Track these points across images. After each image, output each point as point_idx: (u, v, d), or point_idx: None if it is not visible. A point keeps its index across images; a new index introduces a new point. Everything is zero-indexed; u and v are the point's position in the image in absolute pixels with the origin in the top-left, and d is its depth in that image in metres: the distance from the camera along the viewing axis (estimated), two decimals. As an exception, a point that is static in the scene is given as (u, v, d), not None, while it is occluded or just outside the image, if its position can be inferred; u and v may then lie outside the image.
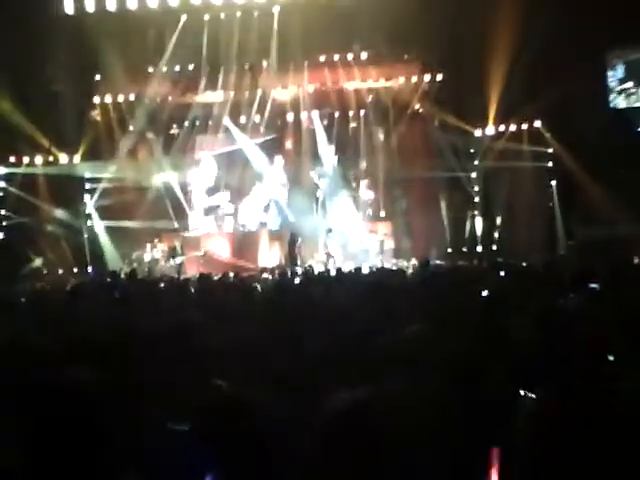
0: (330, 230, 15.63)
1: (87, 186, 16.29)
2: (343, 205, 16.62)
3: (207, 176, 16.99)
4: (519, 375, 2.83)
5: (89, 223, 16.22)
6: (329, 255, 15.18)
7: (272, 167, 16.89)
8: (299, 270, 11.38)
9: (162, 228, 16.15)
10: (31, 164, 15.67)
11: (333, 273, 9.46)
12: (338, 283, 7.29)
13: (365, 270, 10.27)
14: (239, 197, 16.92)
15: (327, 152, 16.86)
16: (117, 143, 16.16)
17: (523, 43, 13.31)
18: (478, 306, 4.43)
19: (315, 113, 16.88)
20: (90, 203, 16.24)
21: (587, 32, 12.83)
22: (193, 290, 7.16)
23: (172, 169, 16.40)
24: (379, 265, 13.80)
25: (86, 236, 16.06)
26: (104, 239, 15.93)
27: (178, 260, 15.29)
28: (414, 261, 14.40)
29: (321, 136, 16.84)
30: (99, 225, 16.18)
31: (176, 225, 16.48)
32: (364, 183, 16.96)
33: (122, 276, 9.85)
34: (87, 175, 16.21)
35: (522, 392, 2.61)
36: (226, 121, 16.71)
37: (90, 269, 15.48)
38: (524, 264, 8.92)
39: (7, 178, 15.55)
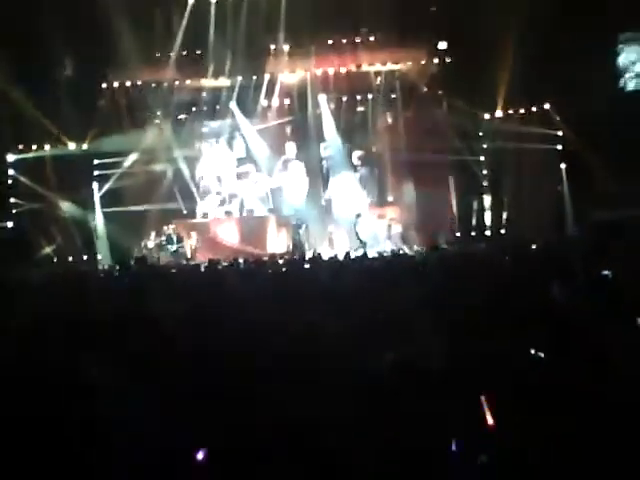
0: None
1: (95, 173, 16.29)
2: (348, 186, 16.56)
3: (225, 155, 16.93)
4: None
5: (97, 210, 16.25)
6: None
7: (278, 153, 16.87)
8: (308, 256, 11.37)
9: (170, 214, 16.20)
10: (40, 151, 15.69)
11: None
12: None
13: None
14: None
15: (333, 136, 16.78)
16: (126, 129, 16.16)
17: (533, 25, 13.15)
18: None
19: (322, 97, 16.81)
20: (97, 190, 16.25)
21: (598, 14, 12.68)
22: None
23: (181, 154, 16.39)
24: (390, 249, 13.85)
25: (95, 223, 16.11)
26: (111, 226, 15.94)
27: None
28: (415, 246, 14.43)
29: (328, 120, 16.78)
30: (107, 212, 16.20)
31: (184, 211, 16.55)
32: (372, 167, 16.90)
33: (132, 263, 9.88)
34: (95, 162, 16.21)
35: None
36: (233, 106, 16.68)
37: (99, 256, 15.54)
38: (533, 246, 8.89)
39: (16, 166, 15.56)
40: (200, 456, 2.32)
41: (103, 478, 2.22)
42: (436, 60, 16.13)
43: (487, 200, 16.46)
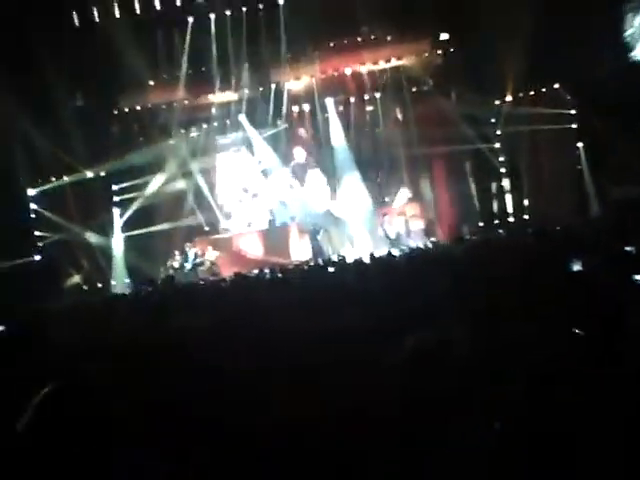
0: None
1: (115, 199, 16.52)
2: (355, 190, 16.56)
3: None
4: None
5: (116, 235, 16.44)
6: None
7: (287, 160, 16.92)
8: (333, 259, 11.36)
9: (193, 232, 16.36)
10: (59, 183, 15.94)
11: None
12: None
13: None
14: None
15: (341, 139, 16.77)
16: (140, 152, 16.36)
17: (534, 4, 13.01)
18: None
19: (330, 100, 16.83)
20: (118, 216, 16.46)
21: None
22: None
23: (198, 170, 16.53)
24: (415, 246, 13.81)
25: (112, 249, 16.31)
26: (132, 251, 16.12)
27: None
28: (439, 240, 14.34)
29: (335, 124, 16.79)
30: (128, 237, 16.39)
31: (206, 228, 16.69)
32: (387, 166, 16.87)
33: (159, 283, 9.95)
34: (114, 188, 16.44)
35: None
36: (242, 118, 16.80)
37: (127, 280, 15.70)
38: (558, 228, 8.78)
39: (37, 199, 15.82)
40: None
41: None
42: (439, 51, 16.04)
43: (507, 186, 16.30)
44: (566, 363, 2.54)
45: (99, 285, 15.57)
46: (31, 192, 15.80)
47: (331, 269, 7.88)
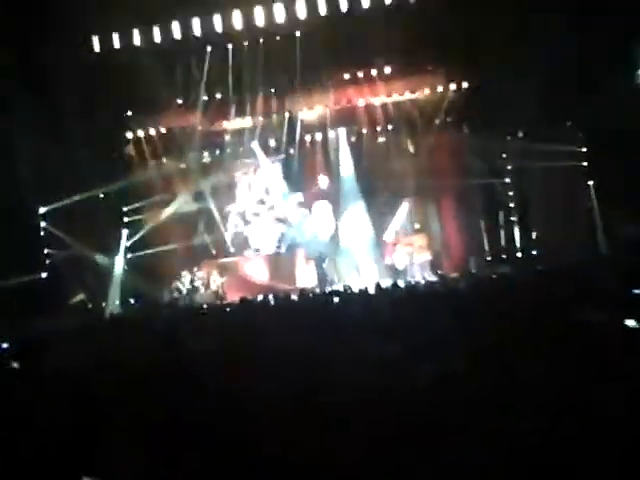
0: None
1: (125, 220, 16.62)
2: (360, 220, 16.60)
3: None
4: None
5: (120, 256, 16.51)
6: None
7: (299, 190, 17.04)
8: (336, 288, 11.34)
9: (199, 255, 16.41)
10: (70, 202, 16.06)
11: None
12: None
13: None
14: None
15: (350, 170, 16.87)
16: (152, 176, 16.52)
17: (548, 42, 13.11)
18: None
19: (342, 131, 16.98)
20: (127, 237, 16.54)
21: (621, 28, 12.56)
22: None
23: (209, 196, 16.63)
24: (421, 278, 13.80)
25: (125, 268, 16.37)
26: (134, 272, 16.15)
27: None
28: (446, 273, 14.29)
29: (345, 154, 16.89)
30: (137, 256, 16.45)
31: (213, 252, 16.74)
32: (397, 197, 16.91)
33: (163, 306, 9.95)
34: (124, 209, 16.57)
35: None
36: (255, 146, 16.95)
37: (132, 301, 15.70)
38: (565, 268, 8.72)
39: (47, 217, 15.93)
40: None
41: None
42: (453, 86, 16.18)
43: (515, 221, 16.28)
44: (572, 400, 2.54)
45: (103, 304, 15.56)
46: (41, 210, 15.91)
47: (336, 299, 7.86)
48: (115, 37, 15.43)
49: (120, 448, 2.54)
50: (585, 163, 15.52)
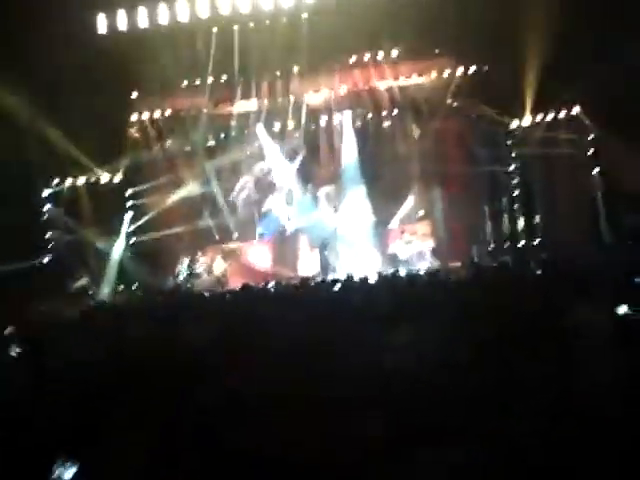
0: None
1: (128, 204, 16.62)
2: (362, 207, 16.56)
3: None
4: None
5: (120, 241, 16.53)
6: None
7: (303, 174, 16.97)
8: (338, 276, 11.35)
9: (203, 241, 16.42)
10: (74, 184, 16.07)
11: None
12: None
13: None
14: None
15: (353, 155, 16.78)
16: (156, 160, 16.48)
17: (556, 28, 12.97)
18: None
19: (347, 114, 16.87)
20: (130, 220, 16.55)
21: (630, 11, 12.41)
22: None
23: (214, 180, 16.58)
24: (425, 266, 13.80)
25: (128, 253, 16.40)
26: (143, 256, 16.17)
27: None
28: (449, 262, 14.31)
29: (349, 138, 16.78)
30: (138, 241, 16.47)
31: (217, 237, 16.74)
32: (402, 183, 16.83)
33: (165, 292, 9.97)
34: (128, 192, 16.56)
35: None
36: (259, 129, 16.87)
37: (134, 287, 15.73)
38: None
39: (51, 200, 15.94)
40: None
41: None
42: (460, 70, 16.04)
43: (519, 209, 16.22)
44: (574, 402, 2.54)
45: (105, 290, 15.60)
46: (45, 192, 15.91)
47: (337, 287, 7.87)
48: (120, 17, 15.32)
49: (120, 445, 2.56)
50: (590, 151, 15.41)
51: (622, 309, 4.05)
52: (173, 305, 7.18)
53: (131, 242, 16.57)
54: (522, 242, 15.83)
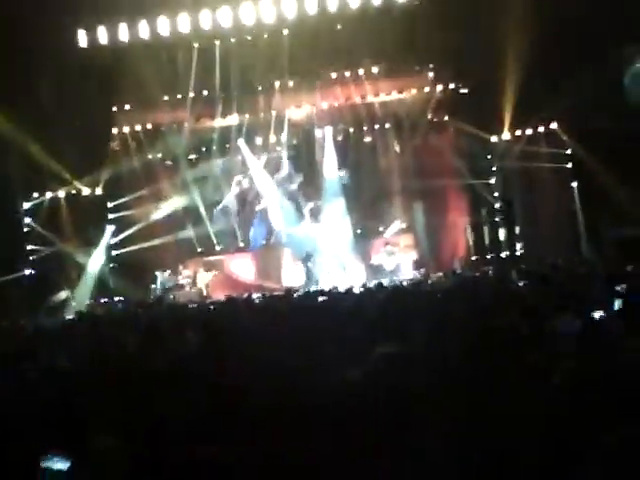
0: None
1: (110, 216, 16.54)
2: (344, 219, 16.67)
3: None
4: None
5: (112, 253, 16.43)
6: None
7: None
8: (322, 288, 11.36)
9: (186, 253, 16.37)
10: (54, 198, 15.94)
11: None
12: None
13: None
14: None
15: (334, 169, 16.90)
16: (137, 172, 16.43)
17: (536, 45, 13.22)
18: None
19: (328, 130, 16.98)
20: (111, 233, 16.45)
21: (603, 29, 12.69)
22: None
23: (196, 193, 16.56)
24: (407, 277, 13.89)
25: (111, 265, 16.29)
26: (125, 268, 16.08)
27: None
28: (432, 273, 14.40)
29: (330, 153, 16.91)
30: (121, 254, 16.37)
31: (199, 249, 16.70)
32: (383, 197, 16.97)
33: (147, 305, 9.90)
34: (109, 205, 16.49)
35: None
36: (241, 143, 16.91)
37: (116, 299, 15.59)
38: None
39: (31, 213, 15.80)
40: None
41: None
42: (440, 86, 16.25)
43: (500, 221, 16.40)
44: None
45: (86, 302, 15.45)
46: (26, 205, 15.77)
47: (322, 298, 7.88)
48: (101, 32, 15.32)
49: (101, 450, 2.55)
50: (569, 165, 15.65)
51: (597, 314, 4.14)
52: (155, 317, 7.14)
53: (112, 254, 16.47)
54: (504, 254, 15.98)
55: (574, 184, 15.68)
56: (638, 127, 13.98)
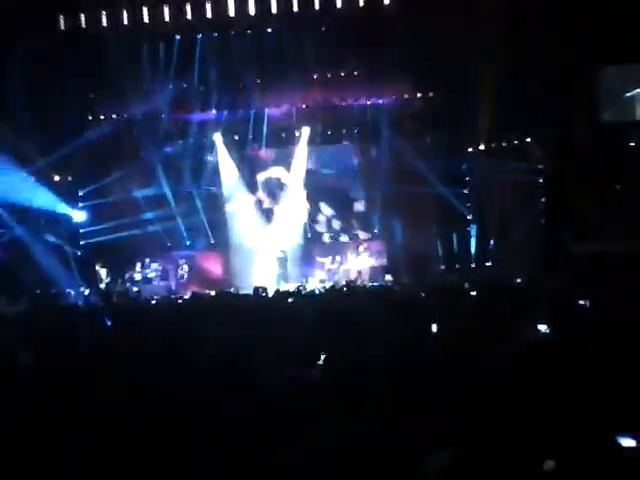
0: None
1: (80, 204, 16.31)
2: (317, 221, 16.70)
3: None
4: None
5: (82, 242, 16.21)
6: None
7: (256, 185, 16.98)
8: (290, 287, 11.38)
9: (156, 247, 16.24)
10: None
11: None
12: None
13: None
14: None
15: (310, 171, 16.97)
16: (111, 162, 16.24)
17: (514, 59, 13.40)
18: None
19: (306, 130, 16.99)
20: (80, 221, 16.24)
21: (579, 48, 12.90)
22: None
23: (167, 185, 16.41)
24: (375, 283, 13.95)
25: (79, 254, 16.08)
26: (97, 258, 15.88)
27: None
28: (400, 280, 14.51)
29: (304, 153, 16.92)
30: (93, 243, 16.17)
31: (169, 244, 16.57)
32: (357, 201, 17.06)
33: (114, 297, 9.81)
34: (80, 193, 16.27)
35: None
36: (217, 137, 16.83)
37: (82, 289, 15.40)
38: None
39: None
40: None
41: None
42: (419, 94, 16.37)
43: (471, 231, 16.57)
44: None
45: (52, 291, 15.23)
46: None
47: (290, 299, 7.89)
48: (82, 17, 15.13)
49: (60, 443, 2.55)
50: (540, 180, 15.86)
51: (543, 327, 4.23)
52: (120, 310, 7.08)
53: (82, 243, 16.24)
54: (473, 264, 16.14)
55: (543, 199, 15.90)
56: (610, 144, 14.26)
